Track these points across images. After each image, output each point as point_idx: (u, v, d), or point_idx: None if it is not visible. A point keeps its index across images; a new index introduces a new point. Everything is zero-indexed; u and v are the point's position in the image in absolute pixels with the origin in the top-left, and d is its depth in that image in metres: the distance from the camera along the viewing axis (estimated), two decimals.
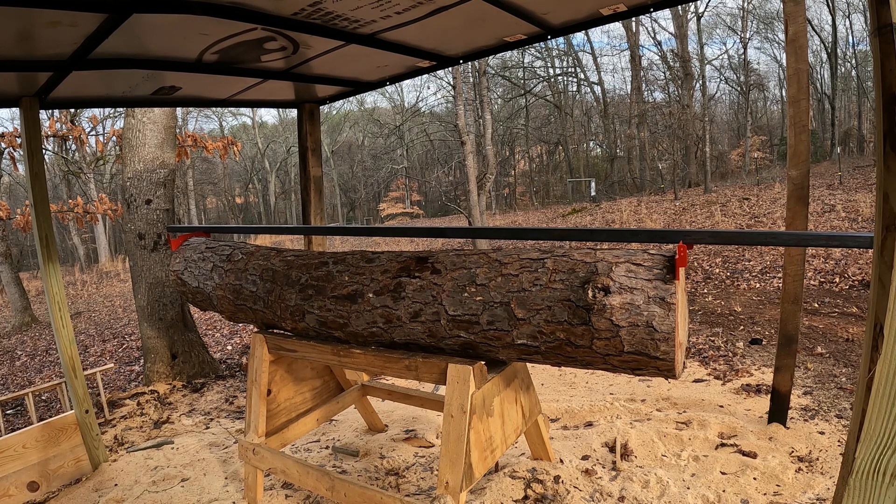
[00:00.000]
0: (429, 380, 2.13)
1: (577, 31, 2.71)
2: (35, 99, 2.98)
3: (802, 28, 2.80)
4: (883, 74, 0.94)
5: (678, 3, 2.51)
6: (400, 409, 3.77)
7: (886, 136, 0.95)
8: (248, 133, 35.97)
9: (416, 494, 2.68)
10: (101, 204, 10.38)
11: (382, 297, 2.12)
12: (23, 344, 9.05)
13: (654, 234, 2.08)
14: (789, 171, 2.88)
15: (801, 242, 2.63)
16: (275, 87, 3.40)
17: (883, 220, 0.98)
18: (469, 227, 11.68)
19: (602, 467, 2.77)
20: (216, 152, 8.29)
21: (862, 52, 24.91)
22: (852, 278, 6.33)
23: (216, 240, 3.03)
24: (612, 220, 15.01)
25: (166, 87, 3.08)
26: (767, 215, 11.44)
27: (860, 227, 9.01)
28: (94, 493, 3.00)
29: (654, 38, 30.13)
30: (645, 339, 1.62)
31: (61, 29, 2.04)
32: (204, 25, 2.19)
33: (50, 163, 23.61)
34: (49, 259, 3.10)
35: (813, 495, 2.41)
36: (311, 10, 2.16)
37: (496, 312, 1.86)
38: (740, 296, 6.45)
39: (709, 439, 2.97)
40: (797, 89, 2.81)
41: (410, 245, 16.10)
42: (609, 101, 28.65)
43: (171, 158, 5.03)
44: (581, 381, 4.25)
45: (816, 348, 4.43)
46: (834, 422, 3.08)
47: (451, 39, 2.79)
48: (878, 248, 0.98)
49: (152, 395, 4.60)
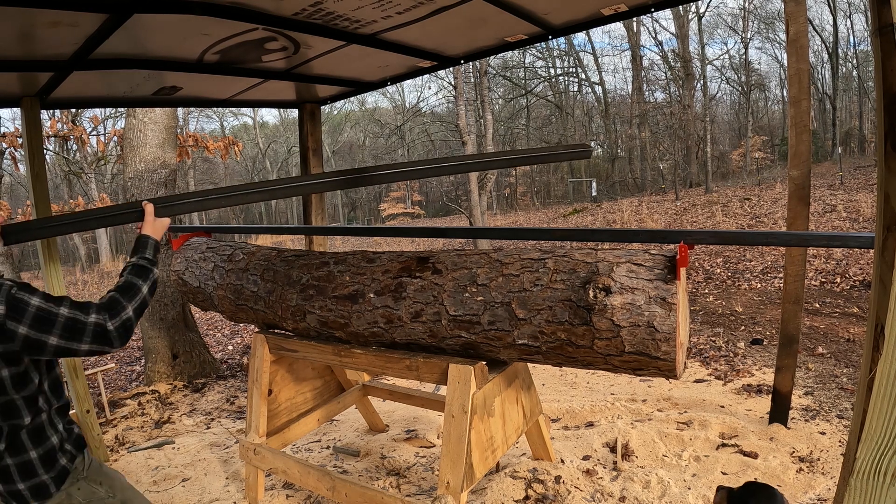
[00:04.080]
0: (430, 380, 2.13)
1: (577, 31, 2.71)
2: (36, 99, 2.99)
3: (803, 28, 2.80)
4: (884, 74, 0.94)
5: (679, 3, 2.51)
6: (401, 410, 3.77)
7: (887, 136, 0.95)
8: (249, 133, 36.00)
9: (416, 495, 2.68)
10: (102, 204, 10.39)
11: (383, 298, 2.12)
12: None
13: (655, 235, 2.08)
14: (790, 171, 2.88)
15: (802, 242, 2.64)
16: (276, 88, 3.40)
17: (884, 220, 0.98)
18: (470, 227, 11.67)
19: (603, 467, 2.77)
20: (217, 152, 8.29)
21: (863, 52, 24.88)
22: (853, 278, 6.33)
23: (217, 240, 3.03)
24: (613, 220, 15.01)
25: (167, 88, 3.09)
26: (768, 215, 11.43)
27: (861, 228, 9.00)
28: None
29: (656, 38, 30.16)
30: (646, 339, 1.62)
31: (62, 29, 2.05)
32: (205, 25, 2.19)
33: (51, 163, 23.65)
34: (50, 259, 3.11)
35: (814, 495, 2.41)
36: (312, 10, 2.16)
37: (497, 312, 1.86)
38: (741, 296, 6.44)
39: (710, 439, 2.97)
40: (798, 89, 2.81)
41: (411, 245, 16.10)
42: (610, 101, 28.65)
43: (172, 158, 5.03)
44: (582, 382, 4.25)
45: (817, 348, 4.42)
46: (835, 422, 3.08)
47: (452, 39, 2.79)
48: (879, 249, 0.98)
49: (153, 395, 4.60)
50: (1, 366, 1.38)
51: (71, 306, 1.43)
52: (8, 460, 1.48)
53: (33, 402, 1.50)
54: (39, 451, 1.52)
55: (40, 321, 1.38)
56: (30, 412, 1.48)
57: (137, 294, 1.54)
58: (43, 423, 1.54)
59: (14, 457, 1.49)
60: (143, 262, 1.63)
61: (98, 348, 1.45)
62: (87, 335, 1.42)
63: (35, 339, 1.38)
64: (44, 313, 1.39)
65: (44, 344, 1.39)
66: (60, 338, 1.40)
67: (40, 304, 1.40)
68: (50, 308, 1.40)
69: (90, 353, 1.48)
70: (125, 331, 1.48)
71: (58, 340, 1.40)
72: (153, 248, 1.69)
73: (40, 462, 1.52)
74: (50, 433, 1.56)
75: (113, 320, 1.46)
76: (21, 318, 1.36)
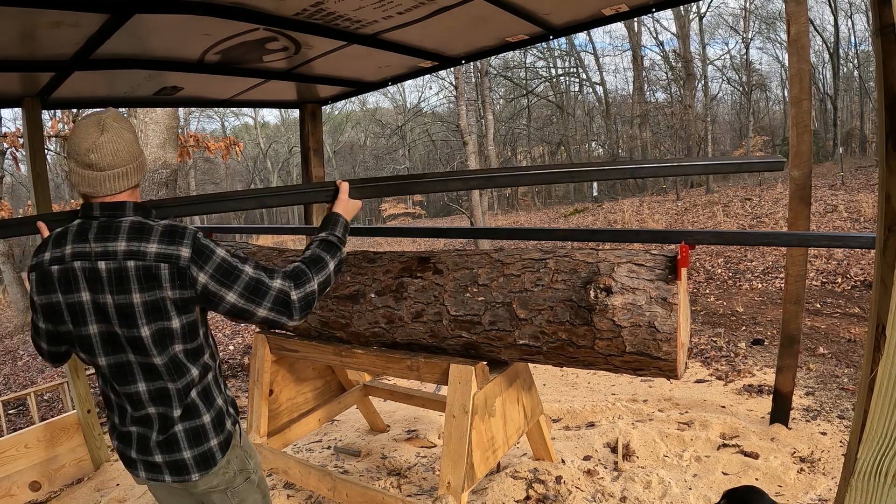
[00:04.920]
0: (431, 380, 2.13)
1: (578, 31, 2.71)
2: (37, 99, 2.99)
3: (804, 28, 2.79)
4: (885, 74, 0.94)
5: (680, 4, 2.51)
6: (402, 410, 3.77)
7: (888, 137, 0.95)
8: (250, 133, 36.00)
9: (417, 495, 2.69)
10: None
11: (384, 298, 2.12)
12: (25, 344, 9.07)
13: (656, 235, 2.08)
14: (791, 171, 2.88)
15: (803, 243, 2.63)
16: (277, 88, 3.40)
17: (885, 220, 0.98)
18: (471, 227, 11.68)
19: (604, 468, 2.77)
20: (218, 152, 8.30)
21: (864, 53, 24.84)
22: (854, 279, 6.32)
23: (218, 240, 3.03)
24: (613, 220, 15.00)
25: (168, 88, 3.09)
26: (769, 215, 11.42)
27: (862, 228, 8.99)
28: (96, 493, 3.01)
29: (656, 39, 30.15)
30: (647, 339, 1.62)
31: (63, 29, 2.05)
32: (206, 26, 2.19)
33: (52, 163, 23.66)
34: None
35: (815, 496, 2.41)
36: (312, 10, 2.16)
37: (498, 312, 1.86)
38: (742, 296, 6.44)
39: (711, 440, 2.96)
40: (799, 89, 2.81)
41: (412, 245, 16.10)
42: (611, 101, 28.62)
43: (173, 158, 5.04)
44: (583, 382, 4.25)
45: (818, 349, 4.42)
46: (836, 422, 3.07)
47: (453, 40, 2.79)
48: (880, 249, 0.98)
49: None
50: (174, 315, 1.30)
51: (256, 267, 1.37)
52: (178, 426, 1.38)
53: (200, 356, 1.40)
54: (211, 414, 1.42)
55: (223, 274, 1.31)
56: (199, 370, 1.39)
57: (324, 269, 1.46)
58: (209, 383, 1.44)
59: (186, 422, 1.38)
60: (333, 238, 1.55)
61: (276, 317, 1.37)
62: (268, 300, 1.35)
63: (214, 291, 1.31)
64: (228, 266, 1.33)
65: (221, 299, 1.32)
66: (240, 297, 1.33)
67: (225, 256, 1.34)
68: (235, 263, 1.34)
69: (265, 322, 1.39)
70: (307, 304, 1.40)
71: (236, 298, 1.33)
72: (343, 226, 1.61)
73: (211, 427, 1.42)
74: (216, 394, 1.46)
75: (297, 290, 1.38)
76: (204, 266, 1.30)
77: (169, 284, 1.27)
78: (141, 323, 1.28)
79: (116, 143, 1.29)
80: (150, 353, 1.31)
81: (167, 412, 1.36)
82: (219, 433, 1.43)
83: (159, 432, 1.37)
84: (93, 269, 1.28)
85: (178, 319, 1.31)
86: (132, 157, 1.33)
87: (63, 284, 1.30)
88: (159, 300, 1.28)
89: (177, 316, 1.31)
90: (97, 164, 1.27)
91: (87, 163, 1.27)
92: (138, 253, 1.26)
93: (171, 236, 1.29)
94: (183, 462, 1.39)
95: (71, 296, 1.30)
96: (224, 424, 1.45)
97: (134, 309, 1.27)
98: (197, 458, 1.40)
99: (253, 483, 1.54)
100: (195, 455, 1.39)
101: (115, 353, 1.33)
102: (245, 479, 1.51)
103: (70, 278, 1.29)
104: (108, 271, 1.27)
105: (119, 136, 1.29)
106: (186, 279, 1.28)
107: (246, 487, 1.51)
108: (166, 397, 1.36)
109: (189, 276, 1.28)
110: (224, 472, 1.45)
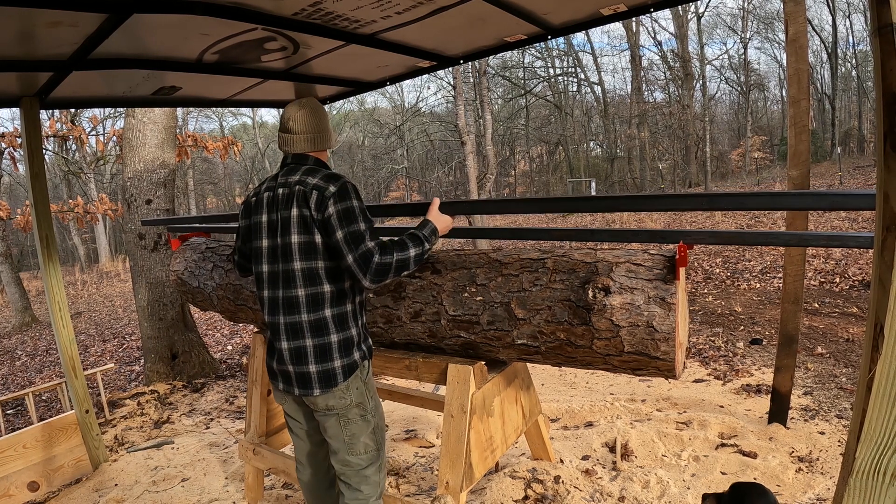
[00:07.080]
0: (429, 380, 2.13)
1: (577, 31, 2.70)
2: (35, 99, 2.98)
3: (803, 28, 2.80)
4: (883, 74, 0.94)
5: (678, 3, 2.51)
6: (400, 409, 3.77)
7: (887, 137, 0.95)
8: (248, 133, 35.96)
9: (416, 494, 2.69)
10: (102, 204, 10.38)
11: (382, 297, 2.12)
12: (23, 344, 9.06)
13: (655, 234, 2.08)
14: (790, 171, 2.88)
15: (801, 242, 2.64)
16: (275, 88, 3.39)
17: (883, 220, 0.97)
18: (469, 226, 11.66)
19: (602, 467, 2.77)
20: (216, 152, 8.28)
21: (862, 52, 24.89)
22: (852, 278, 6.33)
23: (217, 240, 3.03)
24: (612, 220, 15.00)
25: (166, 87, 3.08)
26: (768, 215, 11.44)
27: (860, 228, 9.01)
28: (95, 493, 3.01)
29: (655, 39, 30.11)
30: (645, 339, 1.62)
31: (62, 29, 2.04)
32: (204, 25, 2.19)
33: (50, 163, 23.61)
34: (49, 259, 3.11)
35: (813, 495, 2.41)
36: (311, 10, 2.16)
37: (496, 312, 1.86)
38: (740, 296, 6.45)
39: (709, 439, 2.97)
40: (797, 89, 2.81)
41: None
42: (609, 101, 28.62)
43: (172, 158, 5.03)
44: (581, 381, 4.25)
45: (817, 348, 4.43)
46: (834, 422, 3.08)
47: (452, 39, 2.78)
48: (879, 249, 0.98)
49: (152, 395, 4.60)
50: (316, 231, 1.67)
51: (368, 226, 1.67)
52: (307, 341, 1.68)
53: (339, 280, 1.71)
54: (339, 336, 1.70)
55: (346, 214, 1.65)
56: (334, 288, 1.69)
57: (406, 252, 1.70)
58: (347, 311, 1.73)
59: (315, 337, 1.68)
60: (421, 234, 1.80)
61: (357, 268, 1.63)
62: (358, 251, 1.63)
63: (334, 223, 1.64)
64: (353, 214, 1.66)
65: (334, 231, 1.65)
66: (345, 236, 1.64)
67: (355, 205, 1.67)
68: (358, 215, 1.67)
69: (349, 270, 1.67)
70: (382, 273, 1.64)
71: (342, 236, 1.64)
72: (431, 230, 1.85)
73: (337, 348, 1.69)
74: (351, 324, 1.74)
75: (380, 256, 1.63)
76: (338, 203, 1.65)
77: (314, 206, 1.66)
78: (293, 231, 1.68)
79: (308, 117, 1.80)
80: (292, 259, 1.68)
81: (296, 321, 1.68)
82: (343, 357, 1.69)
83: (290, 340, 1.69)
84: (272, 196, 1.76)
85: (320, 236, 1.67)
86: (317, 129, 1.82)
87: (255, 210, 1.81)
88: (306, 216, 1.67)
89: (318, 233, 1.67)
90: (292, 129, 1.80)
91: (287, 128, 1.80)
92: (304, 182, 1.70)
93: (328, 178, 1.70)
94: (308, 374, 1.68)
95: (256, 217, 1.80)
96: (351, 352, 1.71)
97: (290, 220, 1.69)
98: (322, 373, 1.67)
99: (368, 423, 1.77)
100: (320, 370, 1.66)
101: (271, 262, 1.74)
102: (360, 415, 1.75)
103: (259, 204, 1.80)
104: (282, 195, 1.73)
105: (311, 114, 1.80)
106: (324, 206, 1.65)
107: (360, 423, 1.75)
108: (296, 305, 1.68)
109: (326, 204, 1.65)
110: (342, 396, 1.69)
